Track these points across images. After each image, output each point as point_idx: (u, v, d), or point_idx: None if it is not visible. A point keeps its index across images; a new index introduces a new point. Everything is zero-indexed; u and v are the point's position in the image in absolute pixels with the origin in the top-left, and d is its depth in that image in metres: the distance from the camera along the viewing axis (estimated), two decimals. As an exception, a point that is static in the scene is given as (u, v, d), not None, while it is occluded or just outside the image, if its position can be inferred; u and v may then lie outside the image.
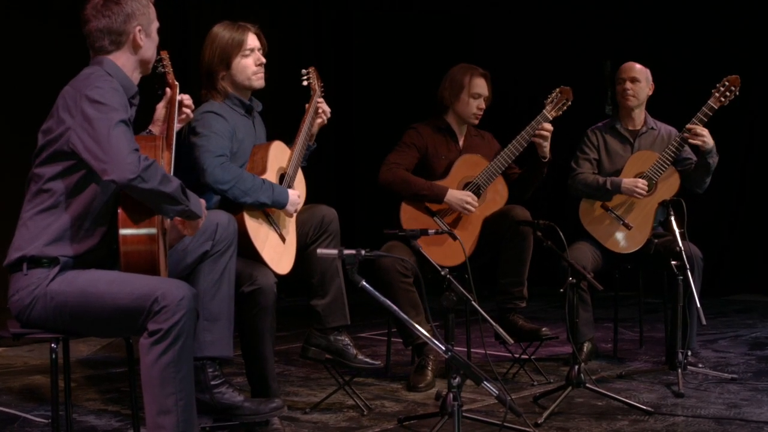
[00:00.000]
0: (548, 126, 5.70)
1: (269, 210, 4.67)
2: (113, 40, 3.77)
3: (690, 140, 5.73)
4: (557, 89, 5.81)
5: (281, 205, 4.64)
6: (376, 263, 5.36)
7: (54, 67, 6.11)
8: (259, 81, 4.83)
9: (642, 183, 5.80)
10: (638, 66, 6.06)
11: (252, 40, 4.81)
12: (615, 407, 4.80)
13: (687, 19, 9.02)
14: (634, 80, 6.01)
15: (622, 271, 6.09)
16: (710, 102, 5.74)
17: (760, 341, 6.64)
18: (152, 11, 3.88)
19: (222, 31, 4.79)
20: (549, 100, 5.79)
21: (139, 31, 3.79)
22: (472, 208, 5.61)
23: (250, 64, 4.79)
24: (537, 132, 5.67)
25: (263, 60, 4.83)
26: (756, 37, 8.78)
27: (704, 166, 5.81)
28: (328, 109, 5.04)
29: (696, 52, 8.90)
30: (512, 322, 5.64)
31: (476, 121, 5.85)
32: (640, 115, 6.08)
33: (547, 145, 5.73)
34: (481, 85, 5.78)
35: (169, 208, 3.63)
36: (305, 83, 5.08)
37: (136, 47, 3.81)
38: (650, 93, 6.07)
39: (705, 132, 5.72)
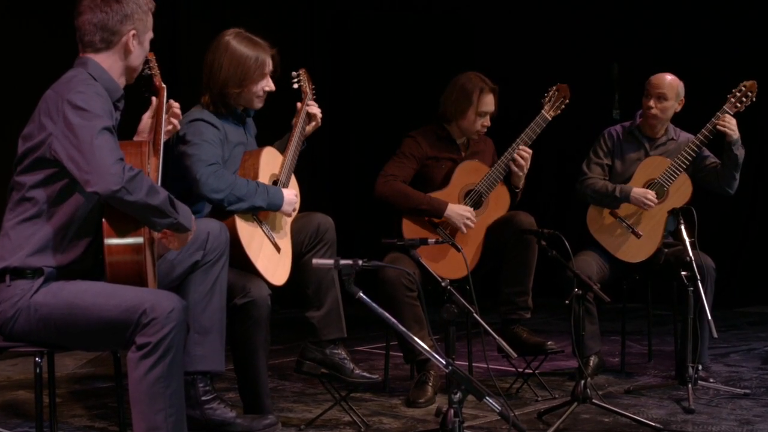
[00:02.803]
0: (524, 153, 5.68)
1: (262, 217, 4.68)
2: (105, 38, 3.75)
3: (719, 126, 5.70)
4: (554, 87, 5.81)
5: (277, 206, 4.65)
6: (380, 275, 5.36)
7: (36, 68, 6.11)
8: (260, 104, 4.87)
9: (652, 195, 5.80)
10: (668, 79, 5.95)
11: (270, 65, 4.81)
12: (623, 424, 4.79)
13: (700, 20, 9.03)
14: (660, 97, 5.94)
15: (630, 281, 6.09)
16: (725, 108, 5.75)
17: (774, 355, 6.65)
18: (150, 20, 3.86)
19: (244, 49, 4.75)
20: (546, 99, 5.79)
21: (133, 36, 3.78)
22: (472, 225, 5.60)
23: (260, 88, 4.81)
24: (514, 157, 5.67)
25: (273, 88, 4.84)
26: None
27: (732, 158, 5.78)
28: (318, 112, 5.04)
29: (710, 55, 8.90)
30: (516, 335, 5.64)
31: (478, 137, 5.84)
32: (663, 126, 6.06)
33: (522, 174, 5.72)
34: (489, 103, 5.73)
35: (156, 220, 3.62)
36: (296, 86, 5.09)
37: (126, 52, 3.79)
38: (679, 108, 5.99)
39: (734, 121, 5.71)
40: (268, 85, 4.82)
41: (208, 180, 4.51)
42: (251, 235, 4.59)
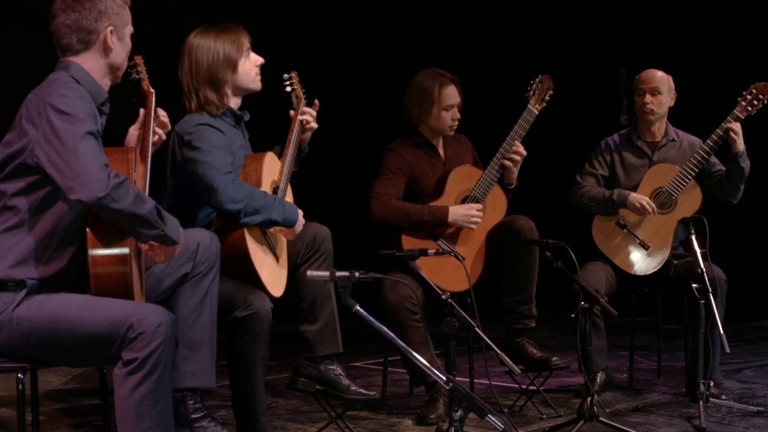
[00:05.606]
0: (521, 150, 5.68)
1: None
2: (81, 38, 3.75)
3: (730, 134, 5.70)
4: (537, 79, 5.80)
5: (292, 222, 4.64)
6: (382, 301, 5.34)
7: (18, 73, 6.10)
8: (259, 83, 4.85)
9: (647, 201, 5.80)
10: (659, 74, 6.02)
11: (247, 40, 4.81)
12: (631, 443, 4.79)
13: (708, 22, 9.03)
14: (654, 92, 5.98)
15: (639, 294, 6.08)
16: (736, 111, 5.75)
17: (789, 371, 6.64)
18: (127, 14, 3.85)
19: (215, 35, 4.75)
20: (530, 92, 5.77)
21: (111, 32, 3.77)
22: (479, 220, 5.60)
23: (251, 65, 4.80)
24: (508, 156, 5.66)
25: (262, 60, 4.84)
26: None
27: (738, 171, 5.81)
28: (311, 119, 5.03)
29: (720, 56, 8.91)
30: (521, 348, 5.62)
31: (452, 132, 5.83)
32: (660, 126, 6.07)
33: (516, 170, 5.72)
34: (451, 95, 5.73)
35: (143, 231, 3.61)
36: (288, 89, 5.07)
37: (106, 50, 3.78)
38: (672, 103, 6.05)
39: (741, 132, 5.72)
40: (257, 59, 4.82)
41: (227, 189, 4.47)
42: (257, 245, 4.58)
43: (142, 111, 4.09)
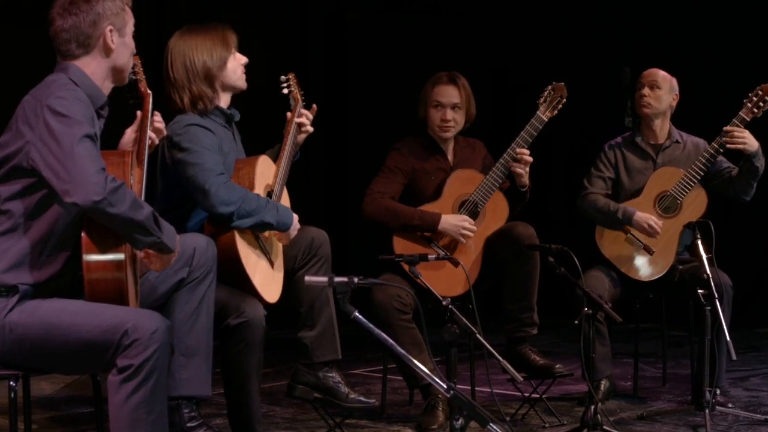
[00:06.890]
0: (527, 156, 5.65)
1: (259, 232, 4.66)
2: (81, 42, 3.74)
3: (729, 145, 5.72)
4: (549, 86, 5.78)
5: (286, 226, 4.64)
6: (371, 301, 5.33)
7: (16, 73, 6.09)
8: (244, 82, 4.86)
9: (655, 221, 5.79)
10: (662, 73, 6.03)
11: (234, 39, 4.83)
12: (635, 452, 4.80)
13: (713, 23, 9.03)
14: (653, 86, 5.99)
15: (644, 300, 6.08)
16: (741, 113, 5.75)
17: (796, 378, 6.64)
18: (128, 14, 3.85)
19: (201, 33, 4.78)
20: (542, 99, 5.75)
21: (111, 31, 3.76)
22: (471, 234, 5.58)
23: (237, 64, 4.82)
24: (514, 164, 5.63)
25: (246, 59, 4.86)
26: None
27: (751, 170, 5.80)
28: (308, 123, 5.04)
29: (725, 58, 8.90)
30: (523, 355, 5.62)
31: (444, 134, 5.77)
32: (663, 127, 6.07)
33: (525, 174, 5.68)
34: (442, 93, 5.73)
35: (139, 237, 3.60)
36: (285, 91, 5.08)
37: (107, 50, 3.77)
38: (674, 104, 6.05)
39: (746, 133, 5.71)
40: (242, 58, 4.84)
41: (219, 191, 4.46)
42: (249, 250, 4.57)
43: (138, 113, 4.09)
